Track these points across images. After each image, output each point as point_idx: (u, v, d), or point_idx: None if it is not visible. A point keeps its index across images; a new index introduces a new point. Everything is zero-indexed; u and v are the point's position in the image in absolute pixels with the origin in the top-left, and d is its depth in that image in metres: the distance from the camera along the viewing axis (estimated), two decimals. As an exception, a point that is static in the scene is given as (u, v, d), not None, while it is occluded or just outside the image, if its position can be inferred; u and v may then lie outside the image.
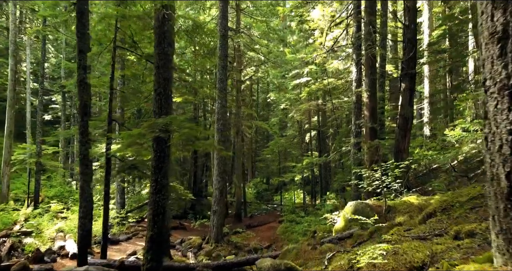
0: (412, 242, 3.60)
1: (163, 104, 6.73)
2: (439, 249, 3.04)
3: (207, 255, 12.45)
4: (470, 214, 4.56)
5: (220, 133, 14.11)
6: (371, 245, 5.86)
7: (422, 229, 4.51)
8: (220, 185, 14.01)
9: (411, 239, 3.93)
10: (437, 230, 4.21)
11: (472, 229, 3.25)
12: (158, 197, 6.55)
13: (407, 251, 3.19)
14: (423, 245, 3.32)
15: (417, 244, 3.42)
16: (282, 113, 31.59)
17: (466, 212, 4.70)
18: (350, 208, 8.38)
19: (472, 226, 3.29)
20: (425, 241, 3.73)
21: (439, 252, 2.98)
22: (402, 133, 11.99)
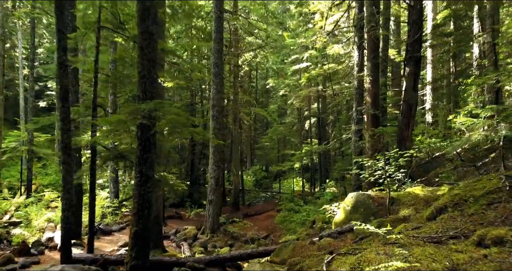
0: (425, 247, 3.09)
1: (148, 88, 6.15)
2: (461, 260, 2.53)
3: (202, 246, 12.04)
4: (488, 210, 4.05)
5: (216, 121, 13.54)
6: (374, 244, 5.37)
7: (433, 228, 4.00)
8: (216, 174, 13.52)
9: (422, 242, 3.41)
10: (451, 230, 3.70)
11: (500, 235, 2.74)
12: (143, 189, 6.03)
13: (421, 259, 2.68)
14: (439, 252, 2.81)
15: (432, 250, 2.91)
16: (281, 100, 30.94)
17: (482, 208, 4.18)
18: (351, 199, 7.88)
19: (501, 232, 2.78)
20: (440, 245, 3.22)
21: (461, 263, 2.48)
22: (405, 120, 11.44)
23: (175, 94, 26.56)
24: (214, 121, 13.54)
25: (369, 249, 3.64)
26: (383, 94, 15.66)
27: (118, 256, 7.89)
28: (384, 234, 2.97)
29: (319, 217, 14.58)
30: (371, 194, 7.84)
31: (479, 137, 6.91)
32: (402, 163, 7.73)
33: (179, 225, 15.72)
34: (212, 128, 13.56)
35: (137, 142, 6.14)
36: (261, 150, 31.90)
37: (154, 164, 6.24)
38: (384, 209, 7.39)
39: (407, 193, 7.71)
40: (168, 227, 15.40)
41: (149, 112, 5.79)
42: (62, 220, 7.28)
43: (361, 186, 11.86)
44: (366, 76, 11.85)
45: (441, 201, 5.00)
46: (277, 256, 6.75)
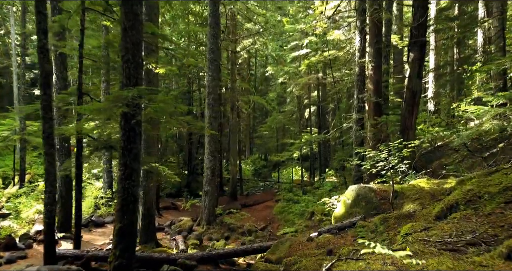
0: (440, 257, 2.65)
1: (132, 74, 5.63)
2: (488, 278, 2.10)
3: (197, 238, 11.67)
4: (507, 210, 3.59)
5: (212, 109, 13.04)
6: (377, 243, 4.93)
7: (445, 229, 3.55)
8: (212, 164, 13.08)
9: (436, 250, 2.96)
10: (467, 233, 3.25)
11: (537, 248, 2.30)
12: (127, 183, 5.57)
13: (437, 274, 2.24)
14: (459, 266, 2.37)
15: (450, 261, 2.47)
16: (280, 88, 30.32)
17: (500, 207, 3.73)
18: (352, 192, 7.45)
19: (538, 244, 2.33)
20: (458, 254, 2.77)
21: (490, 284, 2.04)
22: (409, 108, 10.94)
23: (172, 82, 25.96)
24: (210, 110, 13.04)
25: (374, 256, 3.20)
26: (385, 82, 15.11)
27: (106, 252, 7.49)
28: (401, 258, 2.43)
29: (318, 208, 14.21)
30: (373, 186, 7.40)
31: (491, 126, 6.42)
32: (406, 153, 7.27)
33: (175, 216, 15.36)
34: (208, 117, 13.07)
35: (121, 131, 5.66)
36: (260, 139, 31.42)
37: (140, 156, 5.77)
38: (387, 203, 6.96)
39: (411, 186, 7.26)
40: (164, 218, 15.05)
41: (133, 100, 5.29)
42: (44, 214, 6.85)
43: (361, 176, 11.43)
44: (368, 62, 11.30)
45: (452, 197, 4.55)
46: (272, 254, 6.35)
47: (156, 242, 10.42)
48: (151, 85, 10.13)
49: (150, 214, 10.17)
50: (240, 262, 8.87)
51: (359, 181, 11.39)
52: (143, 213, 10.11)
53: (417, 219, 5.25)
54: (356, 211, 7.18)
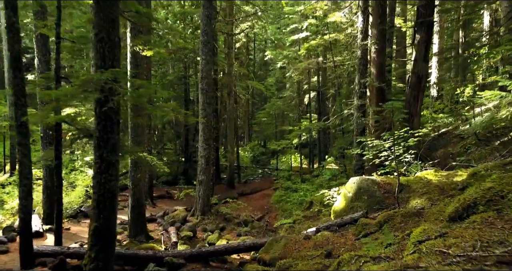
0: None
1: (107, 55, 4.99)
2: None
3: (190, 230, 11.18)
4: (539, 215, 3.02)
5: (205, 95, 12.38)
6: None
7: (466, 237, 2.99)
8: (206, 153, 12.51)
9: (459, 270, 2.40)
10: (494, 244, 2.69)
11: None
12: (104, 177, 5.00)
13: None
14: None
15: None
16: (280, 73, 29.54)
17: (529, 210, 3.15)
18: (353, 185, 6.89)
19: None
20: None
21: None
22: (414, 94, 10.32)
23: (169, 68, 25.19)
24: (203, 95, 12.38)
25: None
26: (388, 66, 14.42)
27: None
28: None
29: (317, 197, 13.71)
30: (376, 179, 6.84)
31: (508, 113, 5.83)
32: (412, 143, 6.68)
33: (170, 206, 14.87)
34: (202, 103, 12.43)
35: (96, 120, 5.05)
36: (258, 126, 30.76)
37: (118, 147, 5.18)
38: (391, 197, 6.41)
39: (418, 178, 6.70)
40: (158, 208, 14.57)
41: (106, 85, 4.66)
42: (19, 209, 6.31)
43: (363, 166, 10.87)
44: (371, 44, 10.60)
45: (469, 195, 3.97)
46: (266, 253, 5.83)
47: (147, 235, 9.95)
48: (139, 69, 9.48)
49: (140, 206, 9.66)
50: (234, 257, 8.39)
51: (360, 170, 10.85)
52: (132, 204, 9.60)
53: (426, 218, 4.70)
54: (357, 205, 6.63)
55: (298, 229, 11.31)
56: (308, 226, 11.19)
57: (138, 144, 9.41)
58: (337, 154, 20.10)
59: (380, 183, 6.71)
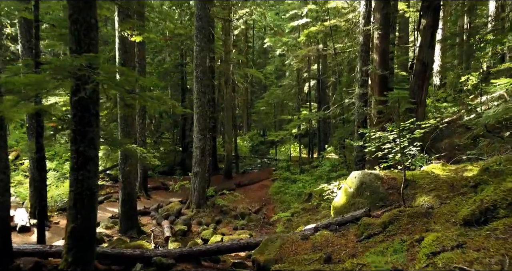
0: None
1: (83, 38, 4.48)
2: None
3: (185, 223, 10.80)
4: None
5: (200, 83, 11.87)
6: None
7: (490, 249, 2.55)
8: (201, 144, 12.05)
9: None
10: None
11: None
12: (81, 174, 4.55)
13: None
14: None
15: None
16: (279, 61, 28.87)
17: (563, 218, 2.70)
18: (355, 180, 6.44)
19: None
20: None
21: None
22: (419, 82, 9.81)
23: (166, 56, 24.55)
24: (198, 84, 11.87)
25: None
26: (391, 53, 13.86)
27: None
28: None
29: (317, 189, 13.32)
30: (379, 173, 6.38)
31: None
32: (418, 135, 6.21)
33: (165, 198, 14.50)
34: (196, 92, 11.93)
35: (72, 111, 4.57)
36: (257, 115, 30.22)
37: (97, 140, 4.71)
38: (396, 194, 5.97)
39: (424, 172, 6.25)
40: (152, 200, 14.18)
41: (80, 71, 4.17)
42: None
43: (364, 157, 10.42)
44: (374, 29, 10.04)
45: (486, 196, 3.53)
46: (261, 254, 5.41)
47: (139, 229, 9.55)
48: (128, 56, 8.95)
49: (131, 199, 9.24)
50: (230, 255, 8.01)
51: (361, 162, 10.40)
52: (123, 198, 9.18)
53: (436, 219, 4.26)
54: (359, 202, 6.20)
55: (296, 223, 10.94)
56: (306, 220, 10.83)
57: (128, 135, 8.95)
58: (337, 144, 19.65)
59: (384, 178, 6.26)
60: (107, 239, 8.71)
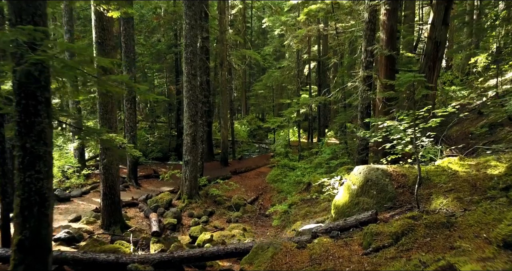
0: None
1: (25, 8, 3.59)
2: None
3: (175, 216, 10.09)
4: None
5: (190, 65, 10.93)
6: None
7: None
8: (192, 130, 11.21)
9: None
10: None
11: None
12: (29, 175, 3.73)
13: None
14: None
15: None
16: (278, 42, 27.68)
17: None
18: (359, 176, 5.63)
19: None
20: None
21: None
22: (430, 63, 8.89)
23: (154, 33, 23.34)
24: (188, 66, 10.93)
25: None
26: (398, 32, 12.85)
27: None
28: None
29: (316, 178, 12.57)
30: (387, 169, 5.56)
31: None
32: (434, 124, 5.35)
33: (156, 187, 13.76)
34: (186, 74, 11.00)
35: (15, 98, 3.71)
36: (254, 99, 29.22)
37: (49, 134, 3.86)
38: (407, 193, 5.17)
39: (440, 168, 5.43)
40: (142, 189, 13.45)
41: (20, 47, 3.29)
42: None
43: (367, 146, 9.61)
44: (382, 4, 9.03)
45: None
46: (250, 263, 4.66)
47: (123, 224, 8.82)
48: (106, 34, 8.01)
49: (113, 193, 8.47)
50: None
51: (364, 151, 9.59)
52: (104, 191, 8.41)
53: (462, 233, 3.46)
54: (364, 201, 5.41)
55: (294, 215, 10.21)
56: (305, 213, 10.11)
57: (107, 122, 8.11)
58: (337, 129, 18.83)
59: (393, 174, 5.44)
60: (87, 236, 7.99)
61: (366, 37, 9.61)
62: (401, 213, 4.80)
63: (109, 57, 8.02)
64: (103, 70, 7.82)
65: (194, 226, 10.04)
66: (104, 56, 7.94)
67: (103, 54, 7.92)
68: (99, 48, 7.90)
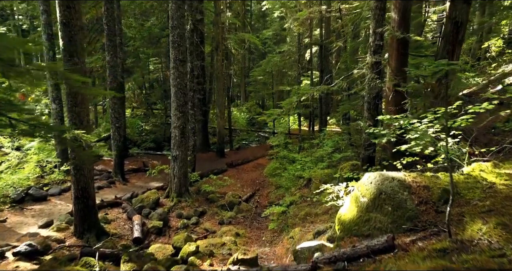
0: None
1: None
2: None
3: (161, 218, 9.14)
4: None
5: (178, 49, 9.79)
6: None
7: None
8: (181, 122, 10.15)
9: None
10: None
11: None
12: None
13: None
14: None
15: None
16: (278, 25, 26.29)
17: None
18: (370, 186, 4.58)
19: None
20: None
21: None
22: (449, 47, 7.72)
23: (146, 16, 22.03)
24: (175, 50, 9.80)
25: None
26: (408, 12, 11.56)
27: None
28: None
29: (317, 173, 11.56)
30: (405, 178, 4.50)
31: None
32: (464, 123, 4.27)
33: (144, 182, 12.77)
34: (173, 60, 9.88)
35: None
36: (253, 85, 27.97)
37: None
38: (431, 212, 4.12)
39: (471, 178, 4.37)
40: (130, 185, 12.45)
41: None
42: None
43: (374, 145, 8.51)
44: (394, -21, 7.82)
45: None
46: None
47: (99, 230, 7.85)
48: (73, 12, 6.86)
49: (86, 196, 7.46)
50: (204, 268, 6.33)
51: (371, 147, 8.52)
52: (76, 195, 7.40)
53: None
54: (376, 219, 4.38)
55: (292, 218, 9.22)
56: (305, 215, 9.11)
57: (77, 116, 7.05)
58: (340, 118, 17.73)
59: (412, 185, 4.39)
60: (57, 245, 7.02)
61: (375, 17, 8.39)
62: (425, 238, 3.77)
63: (76, 39, 6.90)
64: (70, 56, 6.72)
65: (182, 229, 9.14)
66: (70, 38, 6.83)
67: (68, 36, 6.80)
68: (64, 30, 6.77)
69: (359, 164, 9.48)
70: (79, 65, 7.00)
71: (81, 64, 7.08)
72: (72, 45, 6.88)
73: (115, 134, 12.11)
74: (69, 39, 6.84)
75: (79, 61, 7.01)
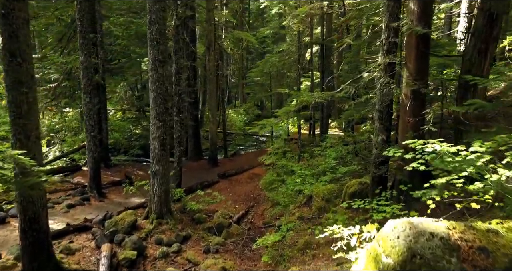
0: None
1: None
2: None
3: (135, 247, 7.76)
4: None
5: (157, 49, 8.41)
6: None
7: None
8: (160, 133, 8.77)
9: None
10: None
11: None
12: None
13: None
14: None
15: None
16: (277, 22, 24.90)
17: None
18: (396, 243, 3.18)
19: None
20: None
21: None
22: (480, 45, 6.35)
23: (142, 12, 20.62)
24: (153, 49, 8.42)
25: None
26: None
27: None
28: None
29: (319, 188, 10.20)
30: (449, 234, 3.09)
31: None
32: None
33: (124, 198, 11.37)
34: (152, 61, 8.50)
35: None
36: (250, 87, 26.56)
37: None
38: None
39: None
40: (107, 201, 11.06)
41: None
42: None
43: (387, 163, 7.11)
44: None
45: None
46: None
47: (54, 267, 6.47)
48: (15, 2, 5.49)
49: (36, 229, 6.08)
50: None
51: (384, 166, 7.11)
52: (22, 227, 6.02)
53: None
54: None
55: (289, 246, 7.79)
56: (305, 244, 7.63)
57: (22, 130, 5.68)
58: (344, 124, 16.36)
59: (461, 246, 2.99)
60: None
61: (388, 9, 6.97)
62: None
63: (20, 35, 5.54)
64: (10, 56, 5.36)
65: (160, 259, 7.81)
66: (11, 33, 5.48)
67: (9, 30, 5.45)
68: (3, 23, 5.42)
69: (368, 182, 8.11)
70: (23, 66, 5.65)
71: (27, 66, 5.73)
72: (13, 42, 5.53)
73: (90, 144, 10.73)
74: (9, 35, 5.49)
75: (24, 62, 5.65)
